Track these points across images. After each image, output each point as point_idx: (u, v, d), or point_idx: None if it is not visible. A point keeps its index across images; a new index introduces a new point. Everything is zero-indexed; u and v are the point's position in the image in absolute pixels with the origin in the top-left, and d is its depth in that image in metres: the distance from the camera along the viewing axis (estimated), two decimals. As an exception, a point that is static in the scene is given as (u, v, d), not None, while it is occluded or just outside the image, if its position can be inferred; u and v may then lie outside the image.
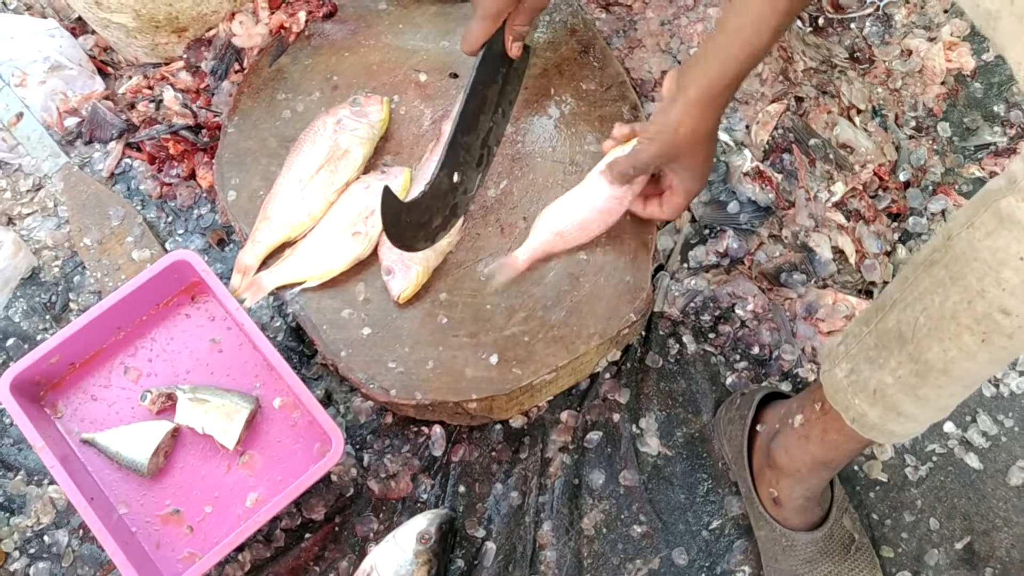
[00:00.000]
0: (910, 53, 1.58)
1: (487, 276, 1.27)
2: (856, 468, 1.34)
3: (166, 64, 1.52)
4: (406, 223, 1.19)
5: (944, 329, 0.87)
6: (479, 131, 1.29)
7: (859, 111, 1.51)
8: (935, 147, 1.53)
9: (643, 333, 1.39)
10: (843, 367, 1.03)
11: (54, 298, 1.43)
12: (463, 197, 1.28)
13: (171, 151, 1.46)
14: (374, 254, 1.28)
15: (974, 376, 0.91)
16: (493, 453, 1.33)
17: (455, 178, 1.25)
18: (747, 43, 1.04)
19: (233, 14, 1.47)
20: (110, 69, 1.58)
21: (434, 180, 1.21)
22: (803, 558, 1.20)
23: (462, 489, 1.31)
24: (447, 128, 1.26)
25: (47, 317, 1.42)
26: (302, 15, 1.45)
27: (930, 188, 1.50)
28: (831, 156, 1.45)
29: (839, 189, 1.43)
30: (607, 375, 1.37)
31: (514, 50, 1.26)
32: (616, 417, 1.35)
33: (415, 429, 1.33)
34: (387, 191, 1.13)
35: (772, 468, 1.20)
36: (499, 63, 1.28)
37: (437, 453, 1.32)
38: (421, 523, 1.22)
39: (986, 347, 0.85)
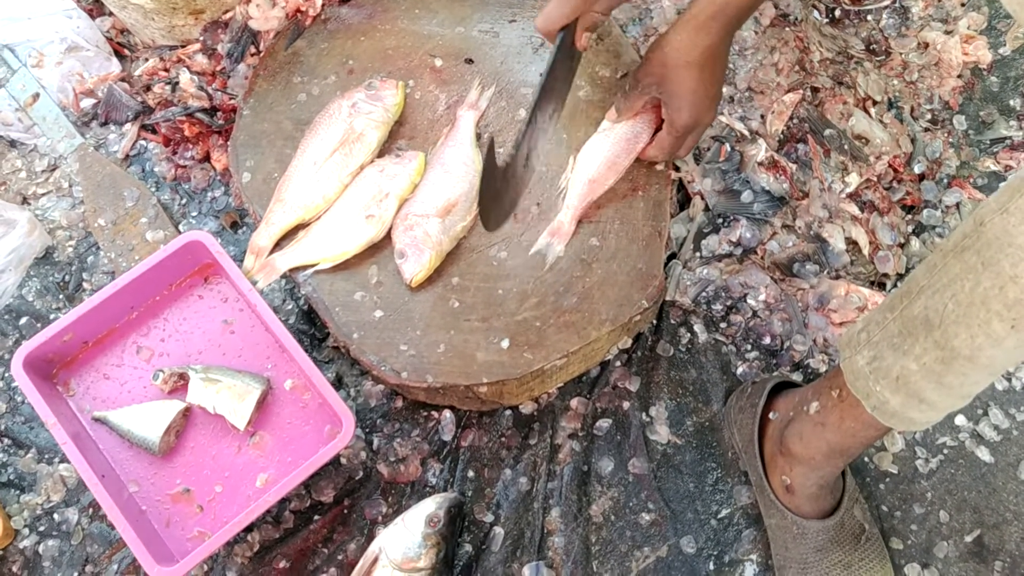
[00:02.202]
0: (927, 46, 1.57)
1: (541, 255, 1.27)
2: (866, 459, 1.33)
3: (182, 46, 1.52)
4: (495, 189, 1.14)
5: (973, 315, 0.87)
6: (546, 115, 1.19)
7: (875, 103, 1.51)
8: (950, 140, 1.53)
9: (654, 321, 1.39)
10: (865, 354, 1.03)
11: (68, 277, 1.43)
12: (526, 184, 1.21)
13: (186, 133, 1.47)
14: (387, 237, 1.28)
15: (999, 363, 0.91)
16: (502, 439, 1.33)
17: (526, 156, 1.17)
18: None
19: (250, -3, 1.48)
20: (126, 51, 1.58)
21: (517, 153, 1.14)
22: (813, 546, 1.20)
23: (471, 474, 1.31)
24: (530, 104, 1.15)
25: (60, 296, 1.42)
26: (318, -1, 1.45)
27: (945, 181, 1.50)
28: (846, 147, 1.44)
29: (853, 180, 1.43)
30: (618, 363, 1.36)
31: (583, 41, 1.16)
32: (626, 405, 1.35)
33: (425, 413, 1.34)
34: (491, 146, 1.08)
35: (785, 455, 1.20)
36: (568, 55, 1.18)
37: (447, 438, 1.32)
38: (430, 506, 1.22)
39: (1015, 333, 0.84)
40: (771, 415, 1.25)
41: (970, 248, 0.87)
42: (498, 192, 1.16)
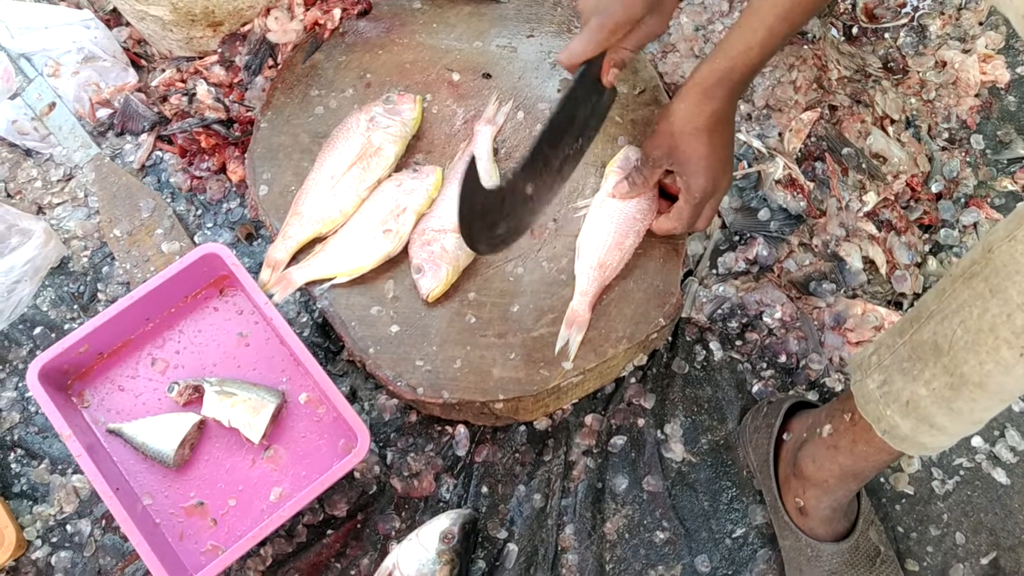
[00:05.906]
0: (944, 64, 1.57)
1: (562, 354, 1.22)
2: (882, 480, 1.33)
3: (200, 58, 1.53)
4: (477, 213, 1.09)
5: (982, 342, 0.87)
6: (560, 150, 1.16)
7: (892, 121, 1.50)
8: (968, 159, 1.52)
9: (670, 338, 1.39)
10: (875, 378, 1.02)
11: (82, 288, 1.43)
12: (531, 217, 1.19)
13: (202, 145, 1.47)
14: (404, 252, 1.28)
15: (1010, 390, 0.90)
16: (517, 455, 1.33)
17: (529, 189, 1.14)
18: (764, 32, 1.06)
19: (268, 9, 1.48)
20: (143, 62, 1.59)
21: (512, 181, 1.11)
22: (828, 569, 1.19)
23: (485, 490, 1.31)
24: (535, 135, 1.12)
25: (75, 307, 1.42)
26: (337, 12, 1.45)
27: (962, 200, 1.49)
28: (864, 166, 1.44)
29: (871, 199, 1.42)
30: (633, 379, 1.36)
31: (610, 77, 1.13)
32: (641, 422, 1.34)
33: (439, 428, 1.33)
34: (471, 166, 1.03)
35: (799, 477, 1.20)
36: (591, 89, 1.15)
37: (461, 453, 1.32)
38: (444, 522, 1.21)
39: None
40: (785, 436, 1.25)
41: (978, 275, 0.87)
42: (483, 213, 1.11)
